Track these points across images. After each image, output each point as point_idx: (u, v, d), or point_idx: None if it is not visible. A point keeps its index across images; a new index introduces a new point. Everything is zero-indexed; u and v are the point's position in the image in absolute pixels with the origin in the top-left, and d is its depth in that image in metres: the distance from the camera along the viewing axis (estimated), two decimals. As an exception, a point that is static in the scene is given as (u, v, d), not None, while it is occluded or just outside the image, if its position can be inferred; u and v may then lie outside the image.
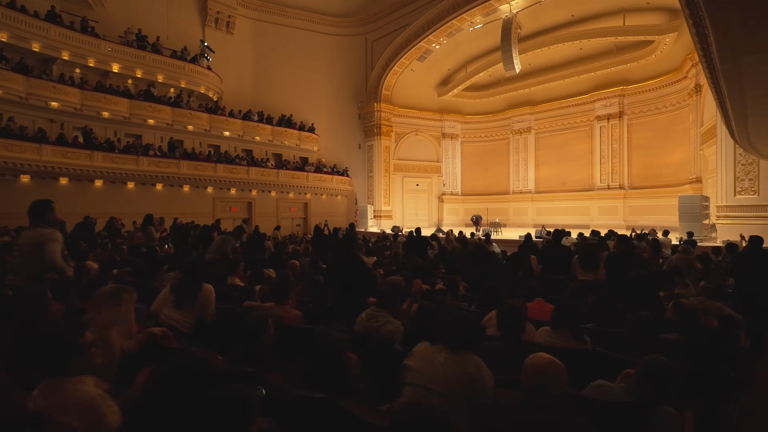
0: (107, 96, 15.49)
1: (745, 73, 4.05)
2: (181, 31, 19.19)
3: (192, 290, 2.72)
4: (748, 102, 5.10)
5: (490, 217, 23.18)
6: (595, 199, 20.60)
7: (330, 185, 22.67)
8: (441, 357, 1.86)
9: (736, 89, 4.60)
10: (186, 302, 2.69)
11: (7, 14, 13.30)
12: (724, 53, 3.74)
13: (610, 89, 19.92)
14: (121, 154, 15.41)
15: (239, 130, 19.62)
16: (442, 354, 1.87)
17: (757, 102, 5.05)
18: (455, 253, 6.59)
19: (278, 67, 22.57)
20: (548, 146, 22.83)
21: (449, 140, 25.52)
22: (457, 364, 1.82)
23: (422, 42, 20.63)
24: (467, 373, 1.79)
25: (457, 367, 1.81)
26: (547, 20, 18.91)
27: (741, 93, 4.76)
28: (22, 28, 13.73)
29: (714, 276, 5.73)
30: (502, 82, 23.52)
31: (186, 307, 2.69)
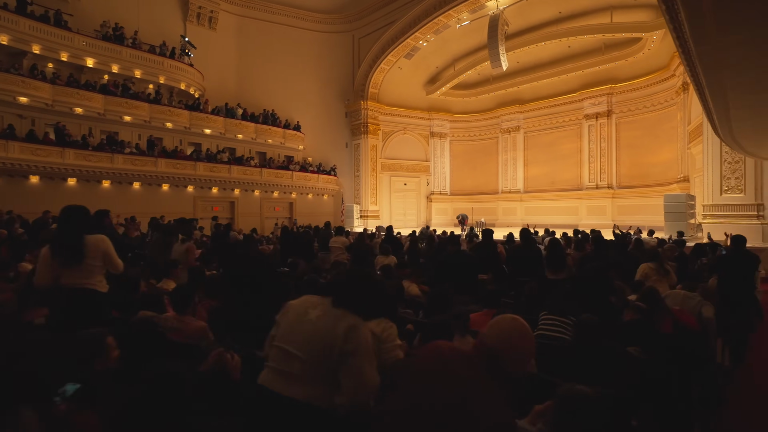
0: (80, 91, 14.96)
1: (723, 56, 3.72)
2: (161, 26, 18.69)
3: (71, 242, 2.35)
4: (729, 93, 4.79)
5: (478, 217, 22.94)
6: (583, 199, 20.37)
7: (315, 184, 22.25)
8: (315, 312, 1.51)
9: (715, 77, 4.28)
10: (71, 259, 2.33)
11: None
12: (697, 33, 3.41)
13: (599, 87, 19.71)
14: (94, 151, 14.90)
15: (221, 128, 19.15)
16: (318, 309, 1.52)
17: (739, 92, 4.74)
18: (421, 254, 6.23)
19: (263, 64, 22.11)
20: (537, 145, 22.59)
21: (438, 139, 25.20)
22: (329, 321, 1.47)
23: (409, 39, 20.29)
24: (334, 334, 1.44)
25: (327, 325, 1.46)
26: (534, 17, 18.66)
27: (720, 82, 4.44)
28: (-10, 21, 13.20)
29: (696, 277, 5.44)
30: (491, 80, 23.26)
31: (75, 266, 2.35)
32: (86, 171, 14.78)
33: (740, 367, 4.07)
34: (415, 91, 24.05)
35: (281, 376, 1.46)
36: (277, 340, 1.53)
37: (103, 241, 2.45)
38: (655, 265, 4.85)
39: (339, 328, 1.44)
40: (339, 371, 1.42)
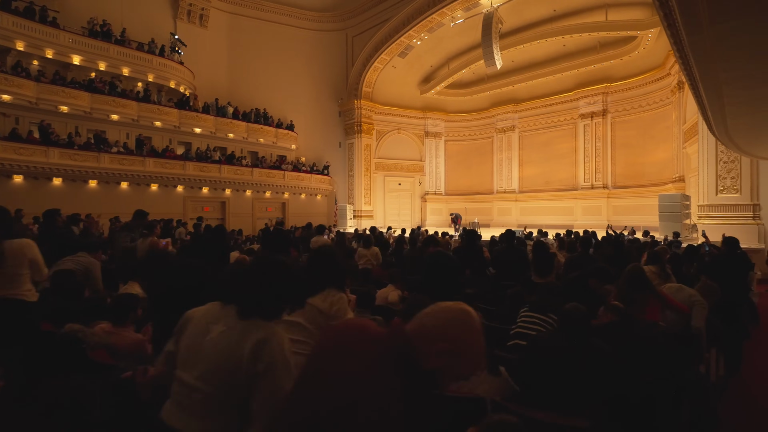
0: (66, 89, 14.66)
1: (716, 47, 3.50)
2: (150, 24, 18.37)
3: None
4: (723, 87, 4.57)
5: (473, 217, 22.73)
6: (578, 199, 20.19)
7: (308, 184, 21.99)
8: (217, 328, 1.25)
9: (708, 69, 4.06)
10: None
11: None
12: (689, 22, 3.19)
13: (594, 87, 19.53)
14: (80, 150, 14.59)
15: (212, 127, 18.87)
16: (221, 323, 1.26)
17: (733, 86, 4.53)
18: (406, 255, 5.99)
19: (256, 63, 21.83)
20: (532, 145, 22.40)
21: (432, 139, 24.98)
22: (233, 338, 1.21)
23: (403, 37, 20.06)
24: (238, 355, 1.19)
25: (231, 344, 1.21)
26: (529, 15, 18.47)
27: (714, 75, 4.22)
28: (-29, 16, 12.89)
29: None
30: (486, 79, 23.07)
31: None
32: (72, 170, 14.48)
33: (735, 377, 3.85)
34: (410, 90, 23.83)
35: (180, 409, 1.21)
36: (176, 365, 1.28)
37: (28, 246, 2.21)
38: (656, 268, 4.63)
39: (244, 346, 1.19)
40: (250, 398, 1.17)
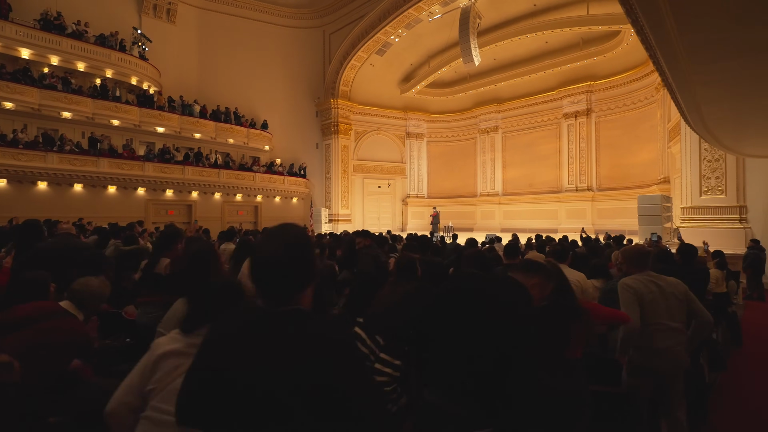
0: (11, 84, 13.69)
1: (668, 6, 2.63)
2: (113, 19, 17.44)
3: None
4: (683, 62, 3.70)
5: (456, 220, 21.91)
6: (562, 202, 19.38)
7: (282, 187, 21.05)
8: None
9: (664, 38, 3.18)
10: None
11: None
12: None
13: (578, 85, 18.79)
14: (25, 149, 13.61)
15: (176, 126, 17.92)
16: None
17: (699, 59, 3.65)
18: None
19: (228, 61, 20.95)
20: (516, 146, 21.61)
21: (414, 140, 24.16)
22: None
23: (380, 33, 19.25)
24: None
25: None
26: (508, 10, 17.73)
27: (672, 48, 3.35)
28: None
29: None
30: (468, 78, 22.32)
31: None
32: (15, 171, 13.49)
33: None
34: (390, 90, 23.02)
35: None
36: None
37: None
38: (599, 282, 3.77)
39: None
40: None
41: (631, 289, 2.46)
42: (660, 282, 2.49)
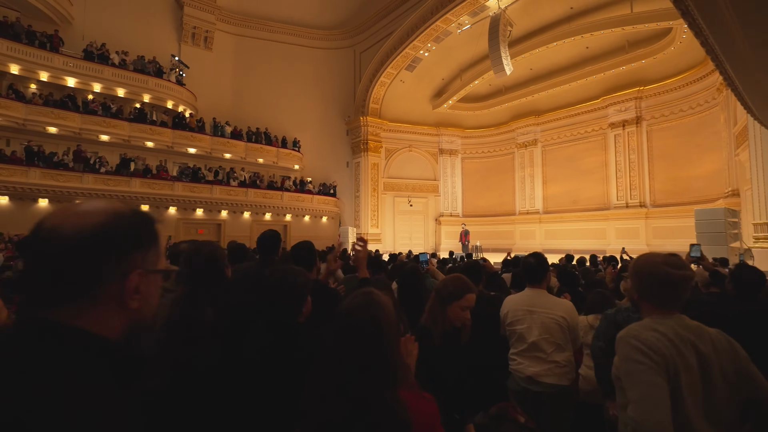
0: (55, 110, 14.63)
1: None
2: (156, 47, 18.45)
3: None
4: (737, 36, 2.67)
5: (492, 241, 20.58)
6: (611, 220, 17.43)
7: (311, 206, 20.84)
8: None
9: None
10: None
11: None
12: None
13: (625, 92, 17.11)
14: (64, 171, 14.35)
15: (207, 147, 18.37)
16: None
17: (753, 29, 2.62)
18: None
19: (261, 83, 21.49)
20: (557, 160, 20.01)
21: (447, 156, 23.23)
22: None
23: (408, 48, 18.84)
24: None
25: None
26: (542, 16, 16.65)
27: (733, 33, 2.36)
28: (-36, 41, 13.18)
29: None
30: (503, 90, 21.25)
31: None
32: (56, 191, 14.20)
33: None
34: (421, 106, 22.43)
35: None
36: None
37: None
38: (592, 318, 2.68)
39: None
40: None
41: (648, 351, 1.25)
42: (700, 339, 1.29)
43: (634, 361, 1.26)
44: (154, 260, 0.76)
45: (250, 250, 5.28)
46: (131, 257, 0.72)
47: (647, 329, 1.32)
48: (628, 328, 1.37)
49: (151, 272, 0.75)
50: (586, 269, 5.80)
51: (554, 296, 2.43)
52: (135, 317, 0.74)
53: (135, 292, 0.72)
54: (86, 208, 0.71)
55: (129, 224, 0.73)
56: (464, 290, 1.87)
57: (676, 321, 1.33)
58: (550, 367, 2.18)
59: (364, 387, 1.06)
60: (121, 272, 0.70)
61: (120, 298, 0.70)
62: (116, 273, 0.70)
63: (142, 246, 0.74)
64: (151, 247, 0.76)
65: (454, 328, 1.85)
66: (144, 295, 0.74)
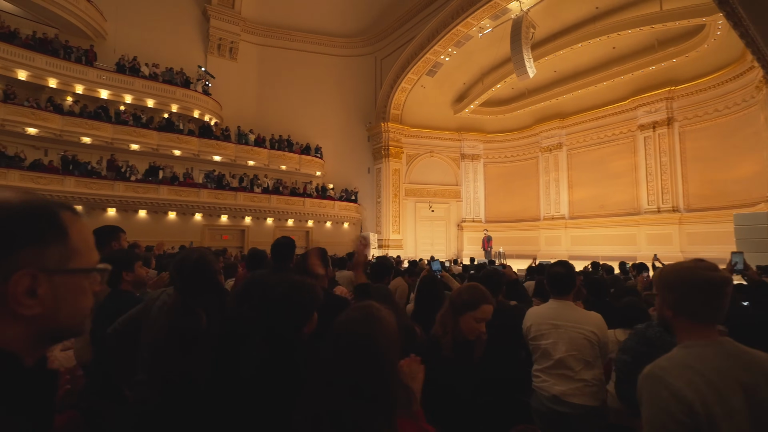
0: (89, 121, 15.27)
1: None
2: (183, 58, 19.04)
3: None
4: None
5: (516, 247, 20.19)
6: (642, 225, 16.75)
7: (333, 212, 20.94)
8: None
9: None
10: None
11: (-7, 45, 13.56)
12: None
13: (654, 92, 16.49)
14: (97, 179, 14.92)
15: (232, 154, 18.76)
16: None
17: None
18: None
19: (283, 91, 21.88)
20: (583, 164, 19.44)
21: (469, 161, 22.94)
22: None
23: (429, 54, 18.78)
24: None
25: None
26: (566, 17, 16.29)
27: None
28: (8, 58, 13.93)
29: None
30: (527, 94, 20.88)
31: None
32: (89, 198, 14.77)
33: None
34: (442, 111, 22.28)
35: None
36: None
37: None
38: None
39: None
40: None
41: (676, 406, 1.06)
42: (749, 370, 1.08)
43: (659, 409, 1.09)
44: (59, 258, 0.65)
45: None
46: (14, 256, 0.61)
47: (679, 368, 1.10)
48: (657, 363, 1.17)
49: (58, 272, 0.64)
50: (615, 277, 5.53)
51: (583, 309, 2.28)
52: (44, 326, 0.64)
53: (28, 295, 0.61)
54: None
55: (14, 216, 0.62)
56: (480, 301, 1.75)
57: (717, 349, 1.14)
58: (578, 386, 2.04)
59: (356, 413, 0.97)
60: (3, 274, 0.60)
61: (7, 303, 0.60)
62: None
63: (33, 241, 0.62)
64: (51, 243, 0.64)
65: (466, 340, 1.74)
66: (49, 301, 0.63)
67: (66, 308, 0.66)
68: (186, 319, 1.86)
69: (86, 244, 0.70)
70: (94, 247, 0.72)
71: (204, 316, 1.88)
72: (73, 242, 0.67)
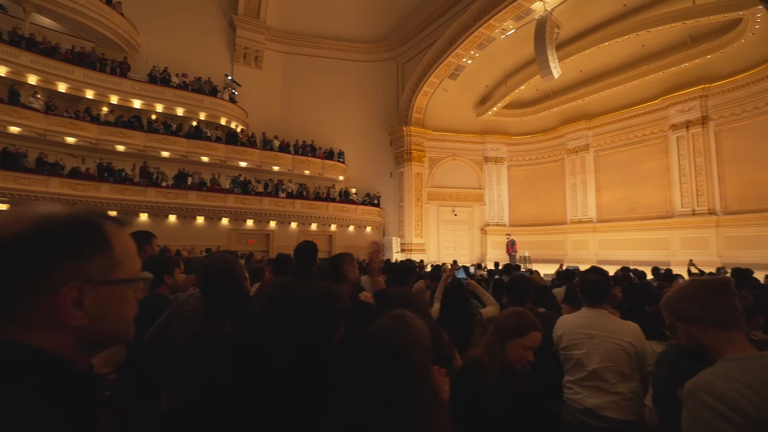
0: (123, 130, 15.93)
1: None
2: (210, 68, 19.61)
3: None
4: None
5: (542, 251, 19.77)
6: (675, 229, 16.10)
7: (355, 216, 21.05)
8: None
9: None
10: None
11: (34, 59, 14.34)
12: None
13: (687, 90, 15.87)
14: (130, 185, 15.52)
15: (257, 160, 19.16)
16: None
17: None
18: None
19: (307, 97, 22.22)
20: (611, 165, 18.88)
21: (493, 164, 22.66)
22: None
23: (451, 57, 18.70)
24: None
25: None
26: (592, 16, 15.93)
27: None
28: (49, 71, 14.70)
29: None
30: (551, 95, 20.49)
31: None
32: (123, 204, 15.37)
33: None
34: (464, 114, 22.12)
35: None
36: None
37: None
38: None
39: None
40: None
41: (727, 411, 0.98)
42: None
43: (709, 425, 0.99)
44: (103, 269, 0.66)
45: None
46: (62, 268, 0.62)
47: (724, 379, 1.02)
48: (701, 377, 1.07)
49: (102, 283, 0.66)
50: (646, 283, 5.32)
51: (619, 318, 2.20)
52: (90, 335, 0.66)
53: (75, 307, 0.63)
54: (18, 215, 0.64)
55: (58, 231, 0.63)
56: (529, 327, 1.68)
57: (762, 362, 1.07)
58: (614, 400, 1.96)
59: (388, 425, 0.95)
60: (52, 286, 0.62)
61: (56, 315, 0.62)
62: (45, 287, 0.61)
63: (79, 254, 0.64)
64: (94, 255, 0.66)
65: (511, 368, 1.68)
66: (94, 310, 0.65)
67: (111, 317, 0.68)
68: (211, 325, 1.90)
69: (129, 253, 0.72)
70: (136, 256, 0.74)
71: (229, 323, 1.92)
72: (117, 253, 0.69)
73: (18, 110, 13.58)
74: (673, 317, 1.28)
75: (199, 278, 2.03)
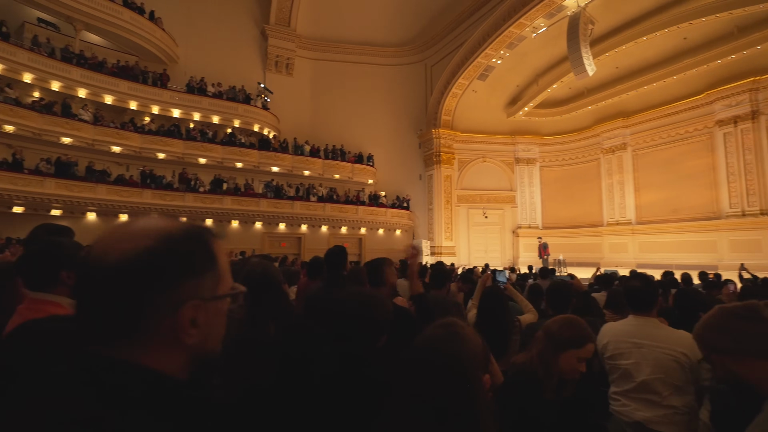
0: (163, 138, 16.70)
1: None
2: (245, 76, 20.27)
3: None
4: None
5: (577, 255, 19.16)
6: (723, 230, 15.20)
7: (385, 219, 21.12)
8: None
9: None
10: None
11: (84, 74, 15.29)
12: None
13: (735, 83, 14.99)
14: (170, 191, 16.23)
15: (289, 165, 19.59)
16: None
17: None
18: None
19: (336, 102, 22.54)
20: (650, 165, 18.06)
21: (524, 165, 22.18)
22: None
23: (480, 57, 18.49)
24: None
25: None
26: (629, 10, 15.35)
27: None
28: (97, 85, 15.64)
29: None
30: (585, 93, 19.86)
31: None
32: (163, 209, 16.09)
33: None
34: (495, 115, 21.79)
35: None
36: None
37: None
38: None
39: None
40: None
41: None
42: None
43: None
44: (212, 285, 0.66)
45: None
46: (182, 287, 0.62)
47: None
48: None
49: (211, 300, 0.65)
50: (694, 289, 5.06)
51: (669, 327, 2.11)
52: (197, 352, 0.65)
53: (192, 325, 0.62)
54: (135, 231, 0.62)
55: (178, 249, 0.62)
56: (585, 338, 1.62)
57: None
58: (667, 414, 1.88)
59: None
60: (172, 305, 0.61)
61: (175, 334, 0.61)
62: (166, 306, 0.60)
63: (196, 272, 0.63)
64: (207, 272, 0.65)
65: (561, 378, 1.62)
66: (204, 328, 0.64)
67: (214, 333, 0.68)
68: (254, 330, 1.96)
69: (227, 267, 0.70)
70: (230, 270, 0.72)
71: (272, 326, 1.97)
72: (221, 268, 0.68)
73: (69, 122, 14.51)
74: (706, 350, 1.22)
75: (240, 284, 2.09)
